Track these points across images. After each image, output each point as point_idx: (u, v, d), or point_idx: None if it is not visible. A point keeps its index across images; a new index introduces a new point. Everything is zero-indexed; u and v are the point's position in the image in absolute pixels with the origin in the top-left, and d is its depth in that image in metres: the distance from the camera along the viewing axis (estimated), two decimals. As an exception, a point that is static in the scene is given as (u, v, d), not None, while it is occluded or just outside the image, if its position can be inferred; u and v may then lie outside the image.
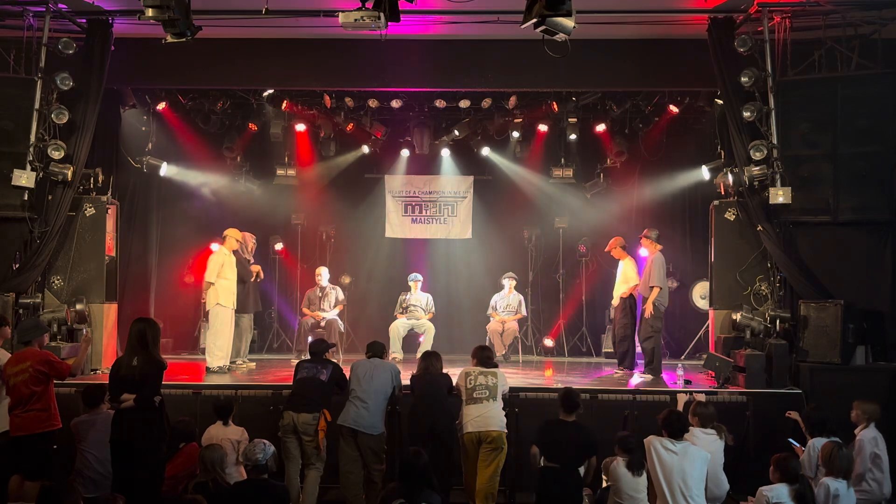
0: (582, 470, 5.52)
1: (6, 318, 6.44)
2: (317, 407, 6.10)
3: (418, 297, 10.51)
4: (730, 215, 8.55)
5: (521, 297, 10.55)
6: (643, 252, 9.19)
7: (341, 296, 10.26)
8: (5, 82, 7.91)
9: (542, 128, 10.71)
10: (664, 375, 8.31)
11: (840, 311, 7.27)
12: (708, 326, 9.12)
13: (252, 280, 9.30)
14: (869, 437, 5.83)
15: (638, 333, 8.72)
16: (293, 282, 11.41)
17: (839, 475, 5.05)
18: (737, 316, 8.11)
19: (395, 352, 9.99)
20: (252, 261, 9.58)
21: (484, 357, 6.29)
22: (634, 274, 8.85)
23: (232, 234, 8.98)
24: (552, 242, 11.52)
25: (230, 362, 8.78)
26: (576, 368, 9.72)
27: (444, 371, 6.45)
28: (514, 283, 10.51)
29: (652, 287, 8.36)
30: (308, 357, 6.75)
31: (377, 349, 6.54)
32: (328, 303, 10.07)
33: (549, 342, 11.15)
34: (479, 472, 5.85)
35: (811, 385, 7.23)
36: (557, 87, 9.75)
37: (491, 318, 10.37)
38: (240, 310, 8.99)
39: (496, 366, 6.33)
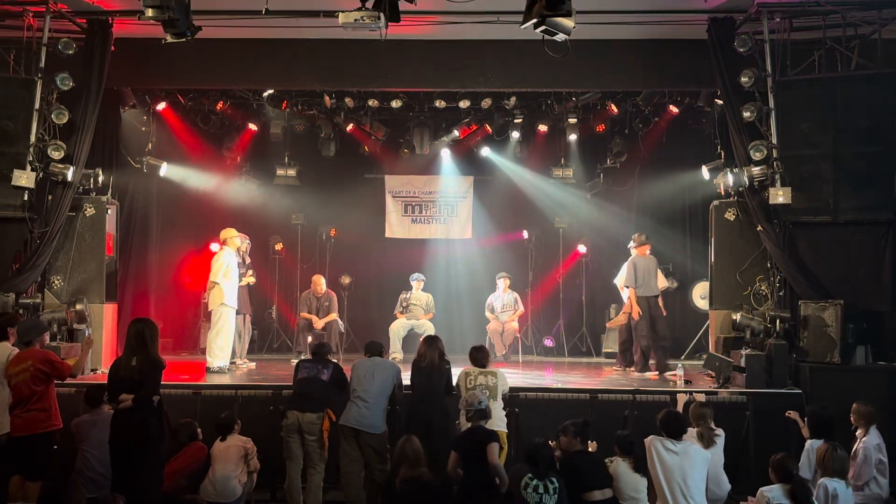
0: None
1: (15, 317, 6.39)
2: (321, 407, 6.11)
3: (419, 297, 10.50)
4: (730, 215, 8.54)
5: (517, 295, 10.56)
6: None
7: (335, 304, 10.04)
8: (5, 82, 7.90)
9: (542, 128, 10.70)
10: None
11: (840, 311, 7.27)
12: (708, 326, 9.12)
13: (241, 285, 9.21)
14: (873, 445, 5.81)
15: None
16: (293, 282, 11.40)
17: (835, 475, 5.05)
18: (737, 316, 8.11)
19: (396, 352, 9.98)
20: (249, 262, 9.55)
21: (478, 358, 6.32)
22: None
23: (229, 234, 8.94)
24: (552, 242, 11.52)
25: (230, 362, 8.77)
26: (576, 368, 9.71)
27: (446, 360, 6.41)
28: (507, 282, 10.52)
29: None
30: (309, 357, 6.74)
31: (375, 349, 6.52)
32: (323, 311, 9.93)
33: (549, 342, 11.15)
34: (479, 472, 5.84)
35: (811, 385, 7.22)
36: (557, 87, 9.74)
37: (490, 320, 10.36)
38: None
39: (491, 365, 6.34)
